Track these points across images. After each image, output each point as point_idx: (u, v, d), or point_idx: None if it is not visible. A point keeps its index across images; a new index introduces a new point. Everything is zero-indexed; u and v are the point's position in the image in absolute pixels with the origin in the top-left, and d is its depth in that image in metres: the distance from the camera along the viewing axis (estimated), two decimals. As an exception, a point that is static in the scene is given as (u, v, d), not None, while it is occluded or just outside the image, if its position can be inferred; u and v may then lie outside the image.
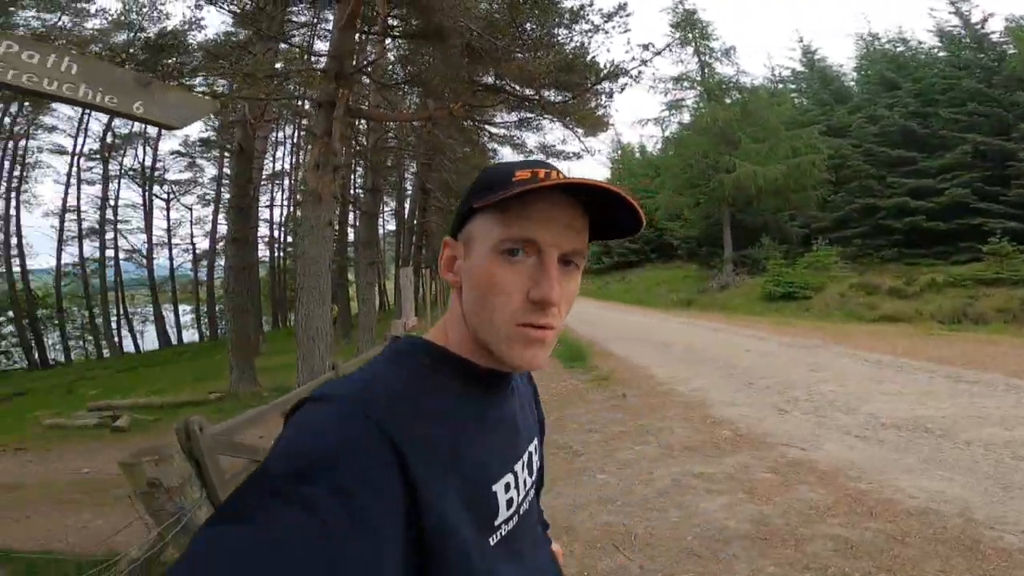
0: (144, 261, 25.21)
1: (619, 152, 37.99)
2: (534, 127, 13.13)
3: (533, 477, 0.70)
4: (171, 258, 26.69)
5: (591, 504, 3.44)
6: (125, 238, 25.22)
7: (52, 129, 21.54)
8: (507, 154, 18.56)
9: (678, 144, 24.91)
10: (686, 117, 25.16)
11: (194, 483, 2.44)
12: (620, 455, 4.44)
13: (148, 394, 11.11)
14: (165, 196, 25.69)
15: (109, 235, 24.28)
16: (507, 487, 0.61)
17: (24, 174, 21.62)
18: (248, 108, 8.02)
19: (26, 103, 17.98)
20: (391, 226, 30.36)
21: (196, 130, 22.17)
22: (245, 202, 10.15)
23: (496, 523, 0.59)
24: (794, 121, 23.22)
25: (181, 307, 29.08)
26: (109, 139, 22.75)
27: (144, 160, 23.95)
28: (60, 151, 22.16)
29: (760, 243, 21.64)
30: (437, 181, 15.95)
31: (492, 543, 0.59)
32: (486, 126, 12.91)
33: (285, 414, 0.54)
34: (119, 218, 24.56)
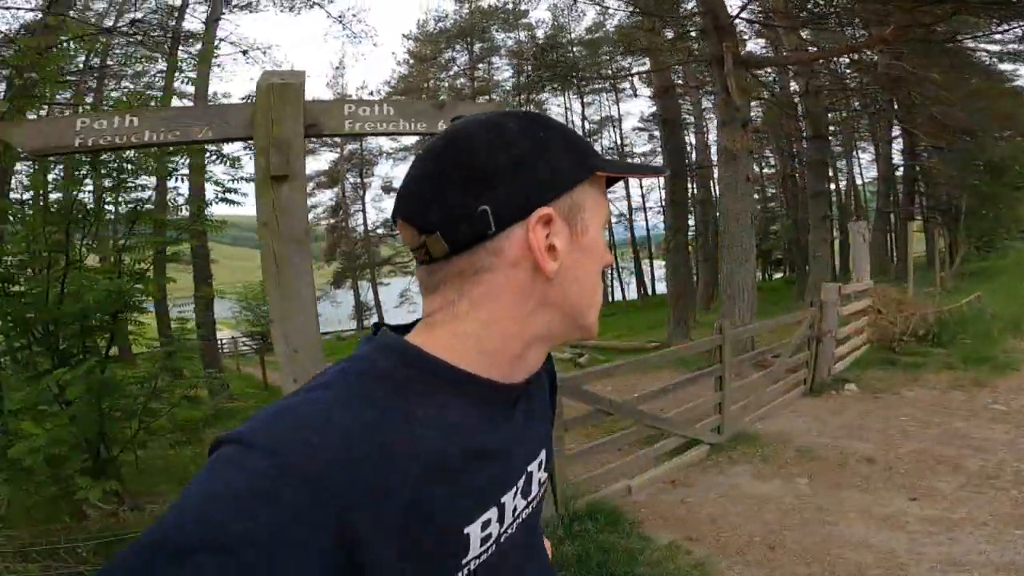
0: (627, 223, 30.41)
1: None
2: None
3: (530, 498, 0.59)
4: (647, 219, 31.09)
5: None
6: (614, 205, 31.11)
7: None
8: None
9: None
10: None
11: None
12: None
13: (611, 337, 13.62)
14: (636, 167, 30.15)
15: (605, 205, 30.60)
16: (485, 524, 0.51)
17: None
18: (655, 79, 8.39)
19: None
20: (872, 173, 25.28)
21: (647, 107, 24.70)
22: (679, 167, 10.75)
23: (464, 561, 0.49)
24: None
25: (658, 263, 33.46)
26: (587, 126, 28.26)
27: (615, 139, 28.63)
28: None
29: None
30: (922, 117, 12.13)
31: None
32: (981, 45, 8.81)
33: (211, 446, 0.43)
34: (610, 190, 30.52)
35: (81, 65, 7.40)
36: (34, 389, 3.72)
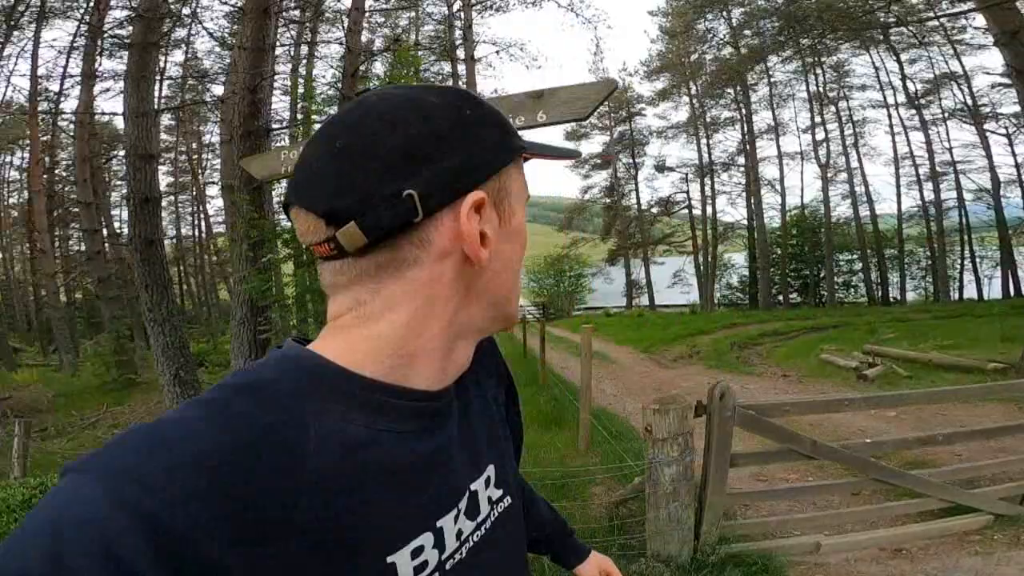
0: (991, 201, 22.01)
1: None
2: None
3: (479, 519, 0.52)
4: (1024, 197, 21.88)
5: None
6: (969, 179, 22.86)
7: (863, 88, 22.93)
8: None
9: None
10: None
11: (676, 441, 2.65)
12: None
13: (933, 348, 10.36)
14: (1004, 132, 21.15)
15: (950, 177, 22.85)
16: (417, 551, 0.45)
17: (857, 131, 23.82)
18: (991, 22, 5.65)
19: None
20: None
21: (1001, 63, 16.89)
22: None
23: None
24: None
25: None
26: (912, 87, 21.54)
27: (964, 99, 20.71)
28: (877, 105, 22.96)
29: None
30: None
31: None
32: None
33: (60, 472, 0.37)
34: (957, 159, 22.60)
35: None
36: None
